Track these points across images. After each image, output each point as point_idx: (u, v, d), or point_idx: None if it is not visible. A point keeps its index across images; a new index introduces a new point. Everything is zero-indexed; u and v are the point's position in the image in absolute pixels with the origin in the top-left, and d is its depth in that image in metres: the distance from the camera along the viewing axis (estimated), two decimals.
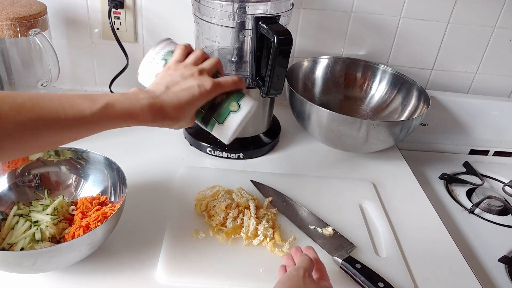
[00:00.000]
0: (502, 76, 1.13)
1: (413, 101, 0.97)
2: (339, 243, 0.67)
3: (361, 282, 0.60)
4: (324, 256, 0.65)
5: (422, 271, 0.67)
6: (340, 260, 0.63)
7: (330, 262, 0.64)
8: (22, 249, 0.59)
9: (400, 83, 1.00)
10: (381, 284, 0.59)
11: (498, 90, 1.14)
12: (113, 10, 0.95)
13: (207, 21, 0.78)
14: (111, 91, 0.99)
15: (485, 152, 1.13)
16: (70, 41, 1.00)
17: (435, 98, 1.04)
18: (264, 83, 0.74)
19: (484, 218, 0.88)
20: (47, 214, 0.63)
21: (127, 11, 0.96)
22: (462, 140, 1.11)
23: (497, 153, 1.13)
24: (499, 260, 0.76)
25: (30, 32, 0.79)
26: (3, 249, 0.59)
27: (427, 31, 1.04)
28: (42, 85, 0.85)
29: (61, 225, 0.63)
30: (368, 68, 1.04)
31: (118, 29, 0.97)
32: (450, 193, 0.95)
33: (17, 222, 0.63)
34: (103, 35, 0.99)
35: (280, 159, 0.90)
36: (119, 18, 0.97)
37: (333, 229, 0.69)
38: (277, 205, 0.73)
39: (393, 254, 0.68)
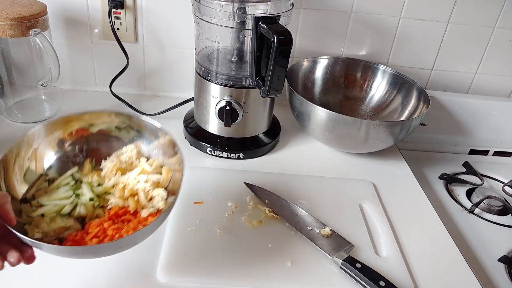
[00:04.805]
0: (502, 76, 1.13)
1: (413, 101, 0.97)
2: (337, 244, 0.67)
3: (362, 282, 0.60)
4: (324, 258, 0.65)
5: (422, 271, 0.67)
6: (340, 261, 0.63)
7: (330, 263, 0.64)
8: (42, 215, 0.56)
9: (400, 83, 1.00)
10: (382, 283, 0.59)
11: (498, 90, 1.15)
12: (113, 10, 0.95)
13: (207, 21, 0.78)
14: (112, 91, 0.99)
15: (485, 152, 1.13)
16: (70, 41, 1.00)
17: (435, 98, 1.04)
18: (264, 83, 0.74)
19: (484, 218, 0.88)
20: (93, 193, 0.59)
21: (127, 11, 0.96)
22: (462, 140, 1.11)
23: (497, 153, 1.13)
24: (499, 260, 0.77)
25: (30, 32, 0.79)
26: (30, 205, 0.56)
27: (427, 31, 1.04)
28: (42, 85, 0.85)
29: (97, 211, 0.58)
30: (368, 68, 1.04)
31: (118, 29, 0.97)
32: (450, 193, 0.95)
33: (66, 184, 0.60)
34: (103, 35, 0.99)
35: (280, 159, 0.90)
36: (119, 18, 0.97)
37: (331, 230, 0.69)
38: (274, 207, 0.73)
39: (393, 254, 0.68)
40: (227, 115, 0.82)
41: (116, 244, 0.51)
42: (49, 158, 0.62)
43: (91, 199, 0.58)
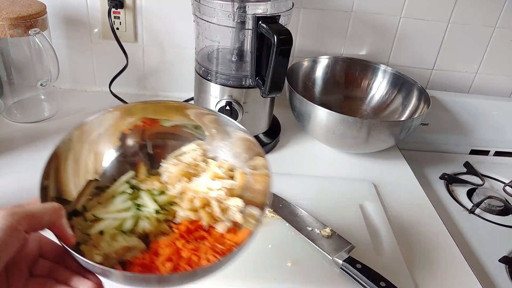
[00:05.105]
0: (503, 76, 1.13)
1: (413, 101, 0.97)
2: (337, 244, 0.66)
3: (362, 282, 0.60)
4: (324, 258, 0.65)
5: (422, 271, 0.66)
6: (341, 261, 0.62)
7: (331, 264, 0.64)
8: (101, 232, 0.46)
9: (401, 83, 1.00)
10: (383, 284, 0.59)
11: (499, 90, 1.14)
12: (113, 9, 0.95)
13: (207, 21, 0.78)
14: (111, 91, 0.99)
15: (486, 152, 1.13)
16: (70, 41, 1.00)
17: (436, 98, 1.04)
18: (264, 83, 0.74)
19: (484, 218, 0.88)
20: (156, 203, 0.49)
21: (127, 11, 0.96)
22: (463, 140, 1.11)
23: (498, 153, 1.13)
24: (500, 261, 0.76)
25: (29, 32, 0.79)
26: (84, 219, 0.47)
27: (428, 31, 1.04)
28: (41, 85, 0.85)
29: (162, 226, 0.48)
30: (369, 68, 1.04)
31: (118, 28, 0.97)
32: (450, 193, 0.95)
33: (122, 193, 0.50)
34: (102, 35, 0.99)
35: (280, 159, 0.90)
36: (118, 17, 0.97)
37: (331, 230, 0.69)
38: (274, 207, 0.73)
39: (393, 254, 0.68)
40: (227, 115, 0.82)
41: (205, 271, 0.41)
42: (108, 156, 0.52)
43: (156, 212, 0.48)
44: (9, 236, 0.32)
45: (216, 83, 0.82)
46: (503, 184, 1.00)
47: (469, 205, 0.91)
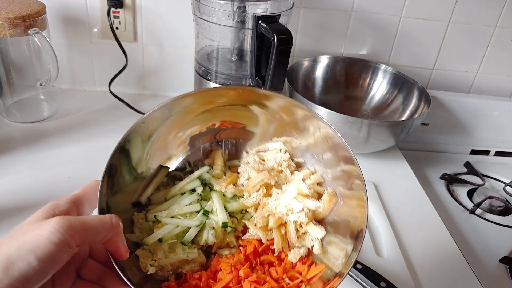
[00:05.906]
0: (503, 76, 1.12)
1: (414, 101, 0.97)
2: None
3: (362, 283, 0.60)
4: None
5: (423, 271, 0.66)
6: None
7: None
8: (160, 240, 0.42)
9: (401, 82, 1.00)
10: (383, 284, 0.59)
11: (499, 90, 1.14)
12: (112, 9, 0.94)
13: (207, 20, 0.77)
14: (111, 91, 0.98)
15: (486, 152, 1.12)
16: (69, 40, 0.99)
17: (436, 98, 1.04)
18: (264, 82, 0.74)
19: (485, 219, 0.88)
20: (226, 212, 0.44)
21: (127, 10, 0.96)
22: (463, 140, 1.10)
23: (498, 153, 1.13)
24: (500, 261, 0.76)
25: (29, 31, 0.78)
26: (145, 217, 0.43)
27: (428, 31, 1.04)
28: (41, 84, 0.85)
29: (228, 238, 0.44)
30: (369, 68, 1.03)
31: (117, 28, 0.97)
32: (451, 193, 0.95)
33: (192, 192, 0.45)
34: (102, 34, 0.99)
35: None
36: (118, 17, 0.96)
37: None
38: None
39: (393, 254, 0.68)
40: None
41: None
42: (183, 142, 0.47)
43: (224, 225, 0.43)
44: (60, 252, 0.30)
45: (216, 83, 0.82)
46: (504, 184, 0.99)
47: (469, 205, 0.91)
